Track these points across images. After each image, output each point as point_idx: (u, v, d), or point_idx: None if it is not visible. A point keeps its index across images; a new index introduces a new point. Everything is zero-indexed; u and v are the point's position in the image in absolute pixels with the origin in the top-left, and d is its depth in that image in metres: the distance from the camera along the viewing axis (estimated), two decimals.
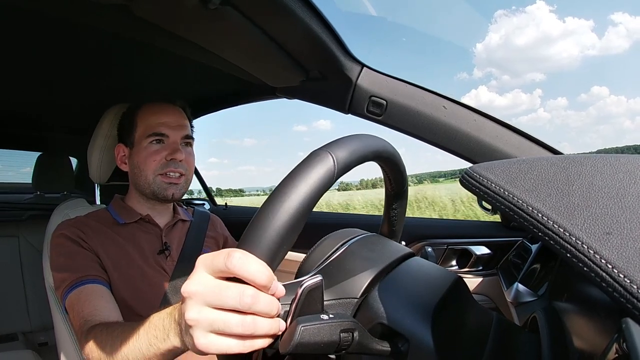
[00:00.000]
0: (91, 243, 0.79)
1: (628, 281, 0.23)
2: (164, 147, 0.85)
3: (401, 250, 0.48)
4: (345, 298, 0.40)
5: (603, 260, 0.24)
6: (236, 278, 0.32)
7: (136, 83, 1.19)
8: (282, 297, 0.34)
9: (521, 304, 0.69)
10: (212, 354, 0.33)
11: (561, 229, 0.27)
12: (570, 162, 0.31)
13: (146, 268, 0.82)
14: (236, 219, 1.22)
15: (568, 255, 0.26)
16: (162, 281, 0.82)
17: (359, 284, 0.40)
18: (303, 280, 0.34)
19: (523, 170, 0.32)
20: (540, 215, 0.28)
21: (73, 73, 1.04)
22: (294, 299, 0.33)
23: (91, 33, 0.81)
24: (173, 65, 1.03)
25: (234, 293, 0.31)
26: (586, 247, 0.25)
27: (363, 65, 0.87)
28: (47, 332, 1.43)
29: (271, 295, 0.33)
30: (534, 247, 0.80)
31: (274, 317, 0.33)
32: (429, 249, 1.04)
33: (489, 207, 0.99)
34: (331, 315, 0.33)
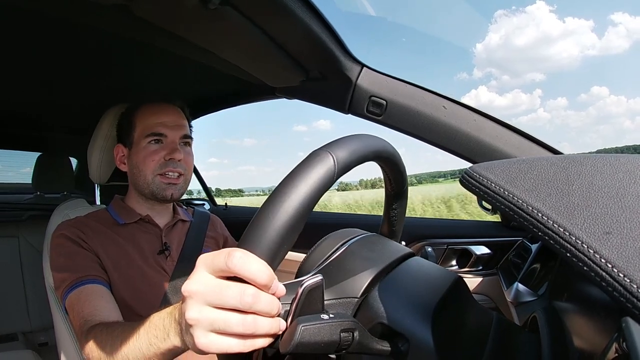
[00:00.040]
0: (91, 243, 0.79)
1: (628, 280, 0.23)
2: (163, 147, 0.85)
3: (401, 250, 0.48)
4: (345, 298, 0.40)
5: (603, 259, 0.24)
6: (237, 277, 0.32)
7: (136, 83, 1.19)
8: (283, 297, 0.34)
9: (521, 304, 0.69)
10: (213, 354, 0.33)
11: (561, 229, 0.27)
12: (570, 162, 0.31)
13: (146, 268, 0.82)
14: (236, 219, 1.22)
15: (568, 254, 0.26)
16: (162, 281, 0.82)
17: (359, 284, 0.40)
18: (303, 279, 0.34)
19: (523, 170, 0.32)
20: (540, 214, 0.28)
21: (73, 73, 1.04)
22: (295, 299, 0.33)
23: (91, 33, 0.81)
24: (173, 65, 1.03)
25: (235, 292, 0.31)
26: (586, 247, 0.25)
27: (363, 65, 0.87)
28: (47, 332, 1.43)
29: (272, 294, 0.33)
30: (534, 247, 0.80)
31: (275, 317, 0.33)
32: (429, 249, 1.04)
33: (489, 207, 0.99)
34: (331, 315, 0.33)
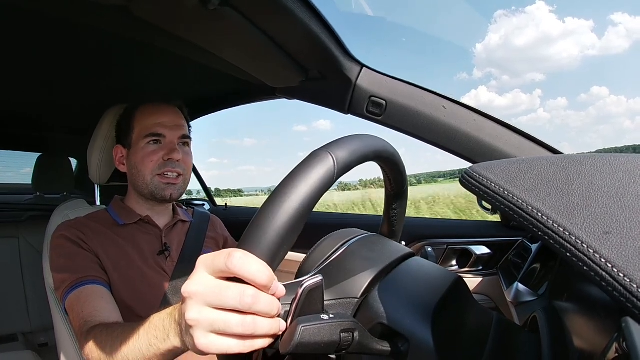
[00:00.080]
0: (91, 244, 0.79)
1: (628, 280, 0.23)
2: (161, 148, 0.85)
3: (401, 250, 0.48)
4: (345, 298, 0.40)
5: (603, 259, 0.24)
6: (237, 278, 0.32)
7: (136, 83, 1.19)
8: (283, 297, 0.34)
9: (521, 304, 0.69)
10: (213, 354, 0.33)
11: (561, 229, 0.27)
12: (570, 162, 0.31)
13: (146, 269, 0.82)
14: (236, 220, 1.22)
15: (568, 254, 0.26)
16: (162, 282, 0.82)
17: (359, 284, 0.40)
18: (303, 280, 0.34)
19: (523, 170, 0.32)
20: (540, 214, 0.28)
21: (73, 73, 1.04)
22: (294, 299, 0.33)
23: (91, 33, 0.81)
24: (173, 65, 1.03)
25: (235, 293, 0.31)
26: (586, 247, 0.25)
27: (363, 65, 0.87)
28: (47, 333, 1.43)
29: (271, 295, 0.33)
30: (534, 247, 0.80)
31: (275, 317, 0.33)
32: (429, 249, 1.04)
33: (489, 207, 0.99)
34: (331, 315, 0.33)
